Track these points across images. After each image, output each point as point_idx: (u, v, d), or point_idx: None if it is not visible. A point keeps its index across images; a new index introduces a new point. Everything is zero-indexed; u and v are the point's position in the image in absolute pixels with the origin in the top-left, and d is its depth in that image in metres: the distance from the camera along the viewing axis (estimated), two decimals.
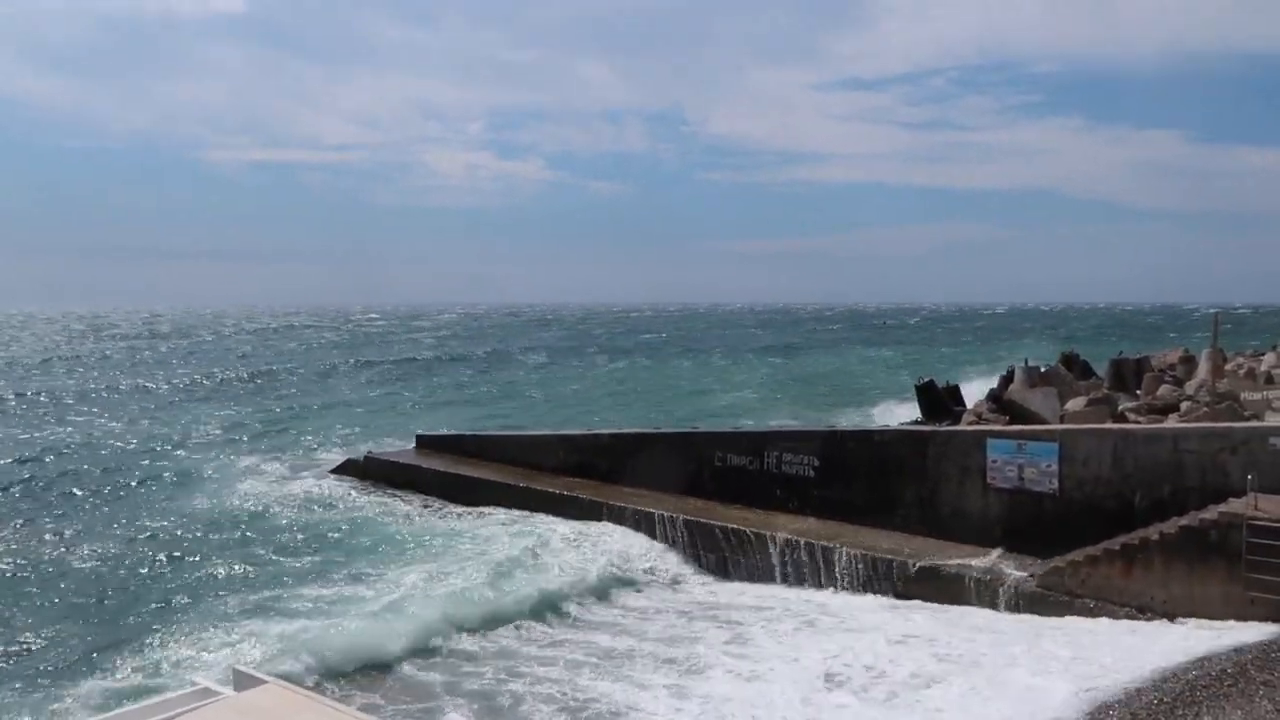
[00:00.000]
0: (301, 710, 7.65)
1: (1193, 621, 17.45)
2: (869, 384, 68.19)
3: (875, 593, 21.24)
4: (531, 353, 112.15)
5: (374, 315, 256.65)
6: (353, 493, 33.12)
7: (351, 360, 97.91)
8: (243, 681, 8.43)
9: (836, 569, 22.01)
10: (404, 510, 30.25)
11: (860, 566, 21.73)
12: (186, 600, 21.96)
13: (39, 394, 65.67)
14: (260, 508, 31.03)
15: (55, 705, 16.24)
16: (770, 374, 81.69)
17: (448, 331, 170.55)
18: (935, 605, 20.17)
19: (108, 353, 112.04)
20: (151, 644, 18.93)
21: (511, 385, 74.14)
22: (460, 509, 29.90)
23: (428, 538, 26.64)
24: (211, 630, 19.55)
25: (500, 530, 27.03)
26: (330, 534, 27.56)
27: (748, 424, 45.44)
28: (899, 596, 20.88)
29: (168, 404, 62.06)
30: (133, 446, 44.12)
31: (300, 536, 27.30)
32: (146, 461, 40.21)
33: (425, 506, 30.58)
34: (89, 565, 25.02)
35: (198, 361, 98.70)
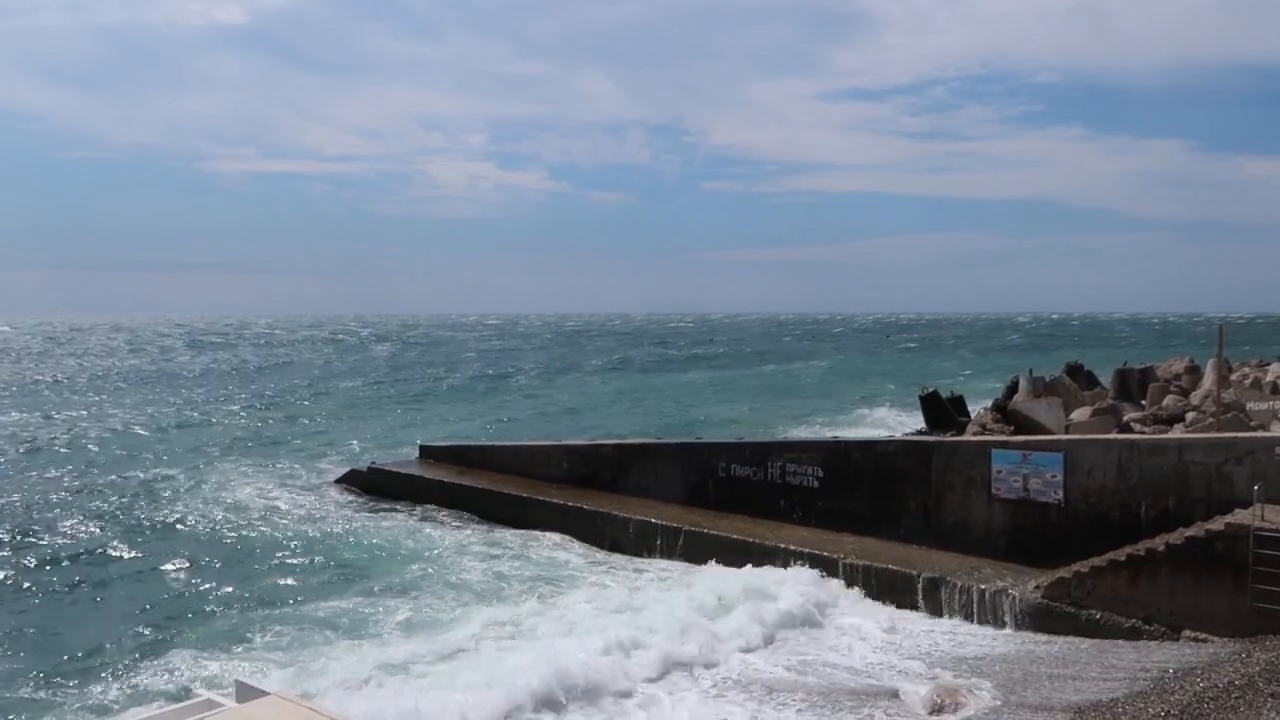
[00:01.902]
0: None
1: (1200, 633, 17.36)
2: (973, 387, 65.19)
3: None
4: (606, 364, 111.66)
5: (418, 326, 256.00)
6: (353, 504, 33.07)
7: (417, 371, 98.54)
8: (245, 693, 8.39)
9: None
10: (406, 523, 30.19)
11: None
12: (188, 611, 21.92)
13: (67, 397, 65.89)
14: (261, 518, 30.98)
15: (56, 717, 16.21)
16: (881, 380, 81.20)
17: (505, 342, 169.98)
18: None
19: (137, 364, 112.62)
20: (153, 655, 18.89)
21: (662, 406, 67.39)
22: (472, 523, 29.85)
23: (430, 552, 26.61)
24: (213, 641, 19.51)
25: (493, 542, 27.02)
26: (328, 546, 27.48)
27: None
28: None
29: (190, 412, 62.11)
30: (142, 454, 44.21)
31: (299, 548, 27.22)
32: (154, 470, 40.17)
33: (425, 519, 30.52)
34: (90, 575, 24.98)
35: (229, 371, 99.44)
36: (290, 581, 24.07)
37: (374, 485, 34.80)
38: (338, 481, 36.52)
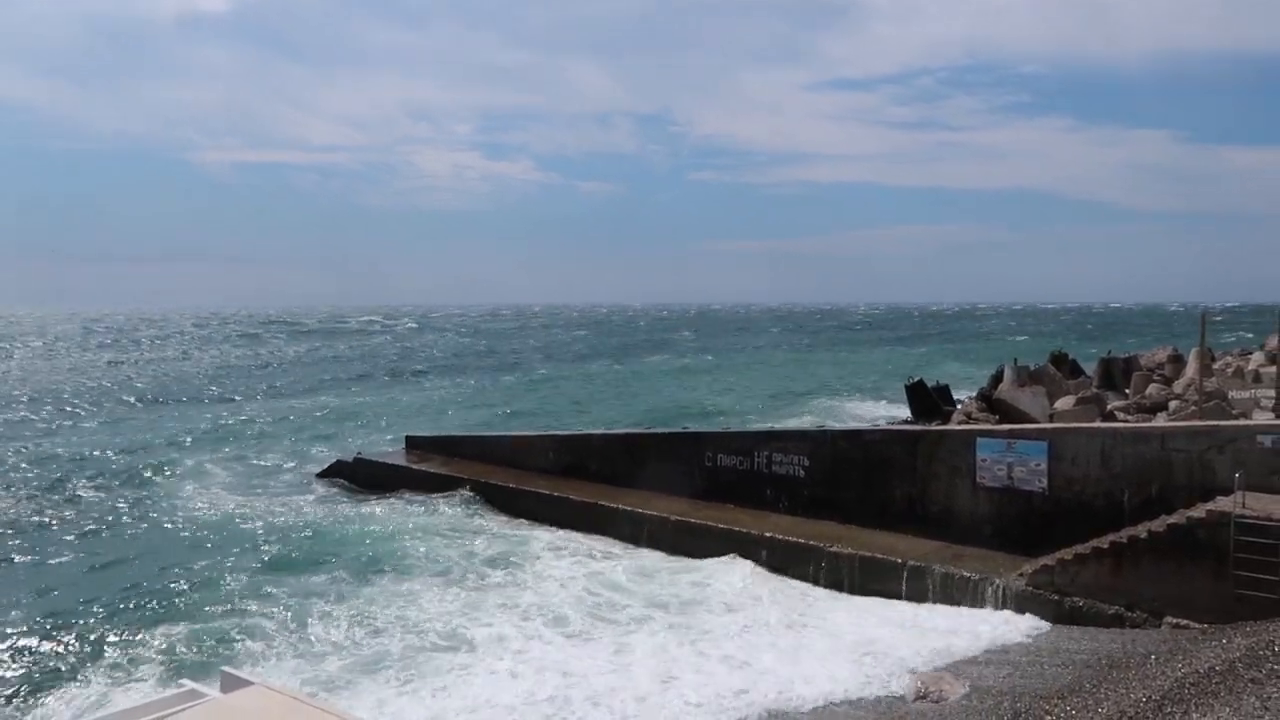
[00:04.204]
0: (288, 712, 7.58)
1: (1182, 619, 17.50)
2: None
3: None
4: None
5: (447, 317, 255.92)
6: (336, 496, 33.03)
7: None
8: (229, 683, 8.36)
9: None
10: (387, 514, 30.12)
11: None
12: (173, 601, 21.85)
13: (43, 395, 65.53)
14: (245, 511, 30.90)
15: (41, 707, 16.15)
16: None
17: (585, 334, 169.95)
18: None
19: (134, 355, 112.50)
20: (137, 645, 18.84)
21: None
22: (457, 513, 29.79)
23: (412, 544, 26.57)
24: (198, 631, 19.46)
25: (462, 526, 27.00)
26: (309, 538, 27.40)
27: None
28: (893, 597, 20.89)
29: (180, 403, 62.04)
30: (127, 446, 44.03)
31: (282, 540, 27.14)
32: (136, 462, 40.00)
33: (408, 510, 30.45)
34: (74, 567, 24.89)
35: (248, 362, 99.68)
36: (272, 573, 23.98)
37: (359, 476, 34.75)
38: (323, 473, 36.50)
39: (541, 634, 18.90)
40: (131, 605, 21.74)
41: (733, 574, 22.56)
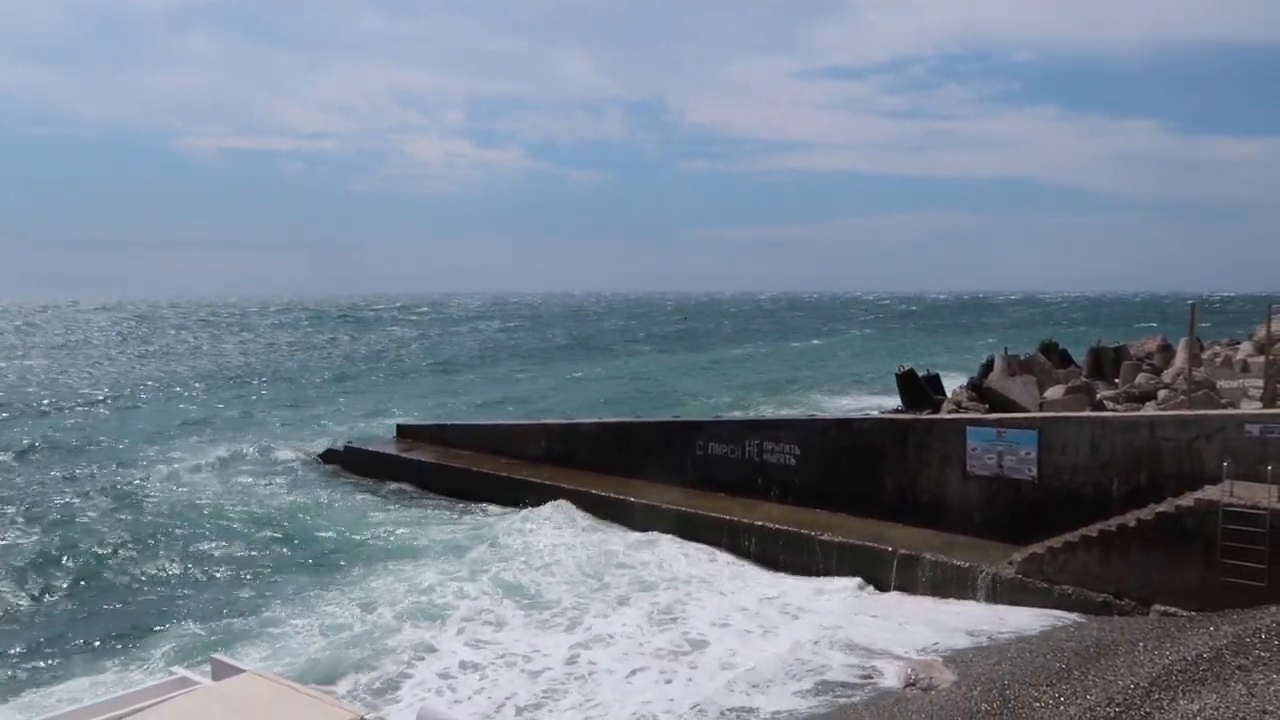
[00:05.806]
0: (279, 699, 7.61)
1: (1170, 607, 17.60)
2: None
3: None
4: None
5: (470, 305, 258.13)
6: (328, 483, 32.99)
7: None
8: (221, 670, 8.39)
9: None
10: (376, 503, 30.11)
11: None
12: (163, 590, 21.86)
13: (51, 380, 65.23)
14: (235, 498, 30.87)
15: (33, 693, 16.13)
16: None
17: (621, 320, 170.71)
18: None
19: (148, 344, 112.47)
20: (128, 633, 18.83)
21: None
22: (444, 503, 29.81)
23: (400, 535, 26.57)
24: (188, 619, 19.46)
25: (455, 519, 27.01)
26: (298, 526, 27.41)
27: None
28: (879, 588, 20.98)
29: (193, 392, 62.08)
30: (115, 435, 43.91)
31: (272, 528, 27.15)
32: (135, 451, 39.92)
33: (397, 499, 30.47)
34: (67, 553, 24.82)
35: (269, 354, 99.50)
36: (263, 561, 24.02)
37: (350, 464, 34.79)
38: (313, 461, 36.54)
39: (510, 620, 18.93)
40: (121, 592, 21.74)
41: (719, 563, 22.64)
